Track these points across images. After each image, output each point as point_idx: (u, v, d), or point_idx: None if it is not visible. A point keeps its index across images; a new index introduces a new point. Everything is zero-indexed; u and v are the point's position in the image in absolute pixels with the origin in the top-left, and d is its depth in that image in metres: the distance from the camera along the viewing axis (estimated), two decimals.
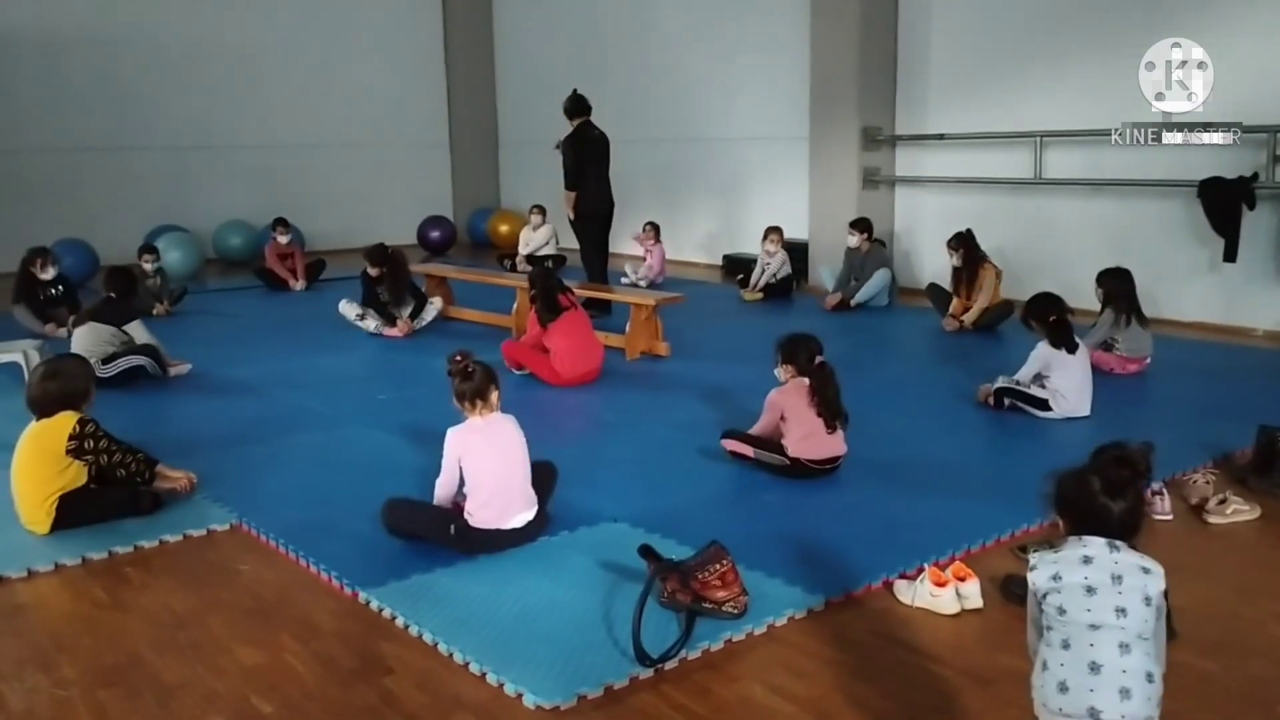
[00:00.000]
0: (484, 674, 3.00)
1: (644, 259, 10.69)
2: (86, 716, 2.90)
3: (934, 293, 8.49)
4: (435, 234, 13.94)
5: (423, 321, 8.29)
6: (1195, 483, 4.34)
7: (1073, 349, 5.54)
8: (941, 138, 9.69)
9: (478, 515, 3.80)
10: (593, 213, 8.59)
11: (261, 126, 13.77)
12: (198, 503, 4.46)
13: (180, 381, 6.76)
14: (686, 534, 3.85)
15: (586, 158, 8.44)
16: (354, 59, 14.37)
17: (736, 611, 3.26)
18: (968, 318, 7.99)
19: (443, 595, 3.50)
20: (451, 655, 3.12)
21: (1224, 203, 7.61)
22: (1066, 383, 5.48)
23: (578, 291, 7.21)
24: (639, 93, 12.90)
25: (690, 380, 6.50)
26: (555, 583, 3.57)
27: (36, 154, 12.34)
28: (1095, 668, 2.12)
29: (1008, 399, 5.65)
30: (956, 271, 8.19)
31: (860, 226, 9.13)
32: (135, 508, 4.29)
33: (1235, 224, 7.58)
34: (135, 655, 3.22)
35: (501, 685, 2.94)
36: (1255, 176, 7.50)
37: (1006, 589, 3.45)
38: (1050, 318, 5.57)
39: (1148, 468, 2.29)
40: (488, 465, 3.83)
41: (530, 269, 8.49)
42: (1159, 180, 8.12)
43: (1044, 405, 5.52)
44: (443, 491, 3.93)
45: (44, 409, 4.24)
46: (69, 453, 4.16)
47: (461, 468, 3.85)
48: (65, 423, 4.19)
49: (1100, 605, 2.17)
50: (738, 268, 10.73)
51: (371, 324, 8.17)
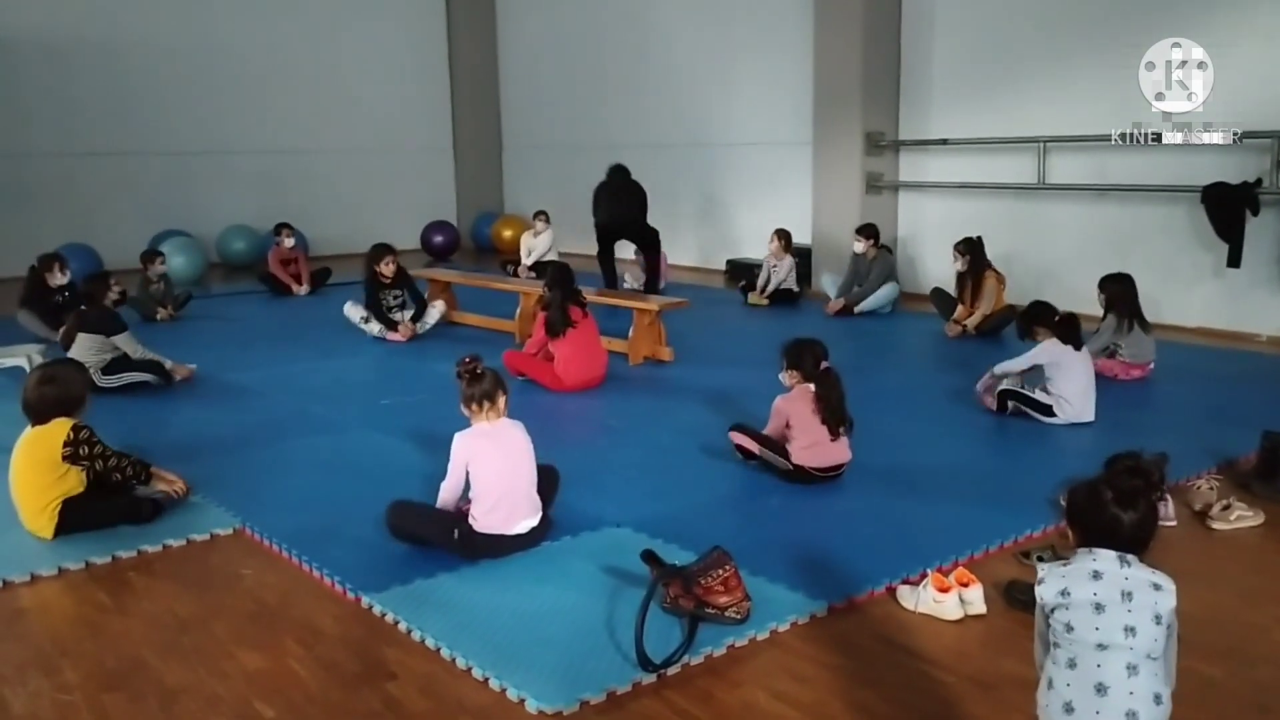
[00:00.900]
0: (486, 679, 3.00)
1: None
2: None
3: (937, 298, 8.49)
4: (439, 239, 13.96)
5: (425, 326, 8.29)
6: (1199, 488, 4.33)
7: (1078, 345, 5.54)
8: (945, 143, 9.69)
9: (483, 520, 3.80)
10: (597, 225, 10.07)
11: (266, 132, 13.80)
12: (201, 507, 4.46)
13: (183, 386, 6.77)
14: (689, 539, 3.85)
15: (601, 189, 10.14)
16: (358, 64, 14.40)
17: (739, 617, 3.26)
18: (970, 322, 7.99)
19: (445, 600, 3.50)
20: (454, 660, 3.12)
21: (1228, 208, 7.60)
22: (1070, 387, 5.48)
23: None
24: (642, 98, 12.92)
25: (694, 385, 6.50)
26: (558, 588, 3.57)
27: (41, 159, 12.37)
28: (1102, 689, 2.08)
29: (1011, 401, 5.65)
30: (961, 277, 8.19)
31: (867, 233, 9.12)
32: (136, 516, 4.27)
33: (1239, 229, 7.57)
34: (138, 659, 3.22)
35: (504, 690, 2.94)
36: (1259, 182, 7.49)
37: (1010, 594, 3.45)
38: (1055, 318, 5.59)
39: (1161, 479, 2.26)
40: (494, 470, 3.83)
41: (539, 274, 8.46)
42: (1162, 185, 8.12)
43: (1048, 410, 5.52)
44: (447, 495, 3.93)
45: (40, 414, 4.22)
46: (65, 459, 4.15)
47: (468, 472, 3.85)
48: (60, 430, 4.17)
49: (1109, 624, 2.12)
50: (741, 273, 10.73)
51: (375, 327, 8.17)
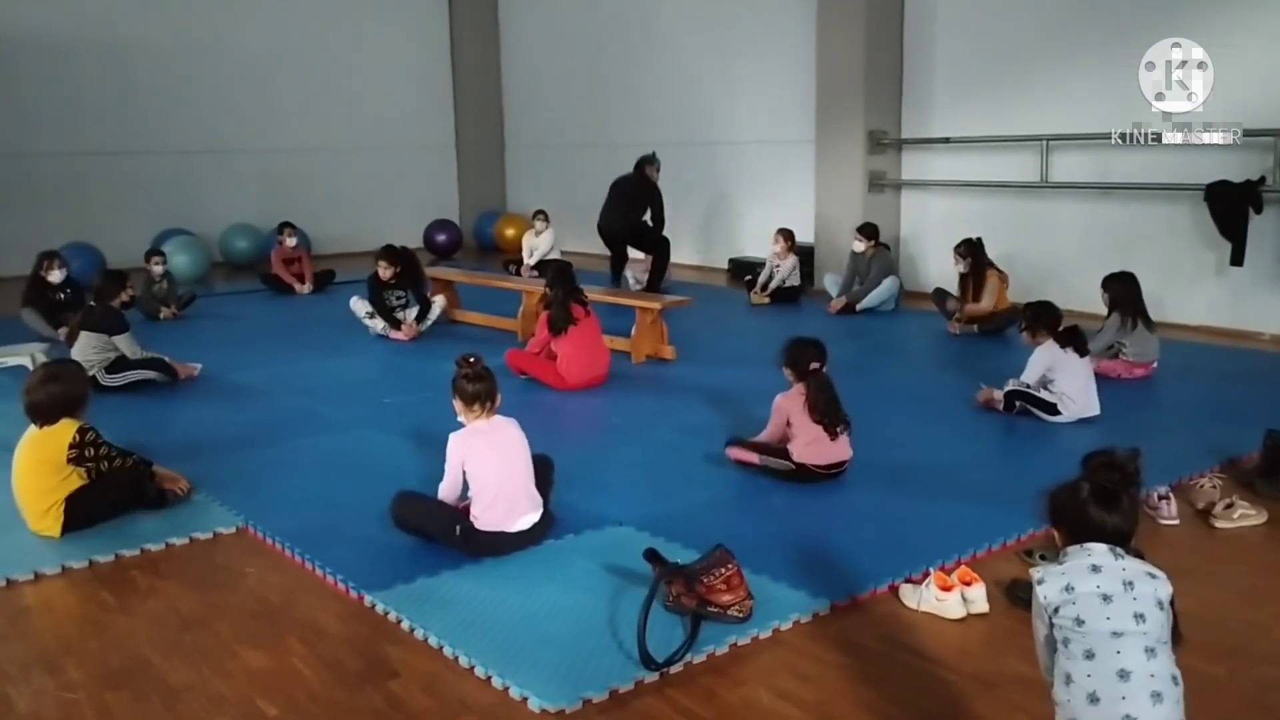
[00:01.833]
0: (489, 677, 3.00)
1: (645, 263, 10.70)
2: (93, 719, 2.91)
3: (939, 297, 8.48)
4: (441, 238, 13.97)
5: (428, 322, 8.30)
6: (1202, 487, 4.33)
7: (1083, 353, 5.53)
8: (947, 141, 9.68)
9: (483, 518, 3.81)
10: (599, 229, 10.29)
11: (268, 131, 13.79)
12: (204, 506, 4.47)
13: (187, 385, 6.78)
14: (692, 538, 3.85)
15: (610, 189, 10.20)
16: (360, 63, 14.40)
17: (742, 615, 3.26)
18: (972, 309, 8.00)
19: (448, 599, 3.50)
20: (457, 659, 3.12)
21: (1231, 206, 7.58)
22: (1071, 384, 5.47)
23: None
24: (645, 96, 12.91)
25: (696, 384, 6.50)
26: (561, 586, 3.57)
27: (45, 158, 12.38)
28: (1125, 675, 2.09)
29: (1018, 402, 5.64)
30: (963, 278, 8.19)
31: (866, 232, 9.12)
32: (142, 498, 4.28)
33: (1242, 228, 7.56)
34: (141, 658, 3.22)
35: (507, 689, 2.94)
36: (1262, 180, 7.48)
37: (1012, 593, 3.45)
38: (1058, 326, 5.58)
39: (1136, 471, 2.28)
40: (491, 468, 3.84)
41: (540, 273, 8.48)
42: (1165, 184, 8.11)
43: (1052, 409, 5.51)
44: (446, 495, 3.94)
45: (45, 414, 4.18)
46: (70, 461, 4.14)
47: (465, 471, 3.86)
48: (65, 431, 4.16)
49: (1119, 612, 2.14)
50: (744, 271, 10.72)
51: (379, 324, 8.18)
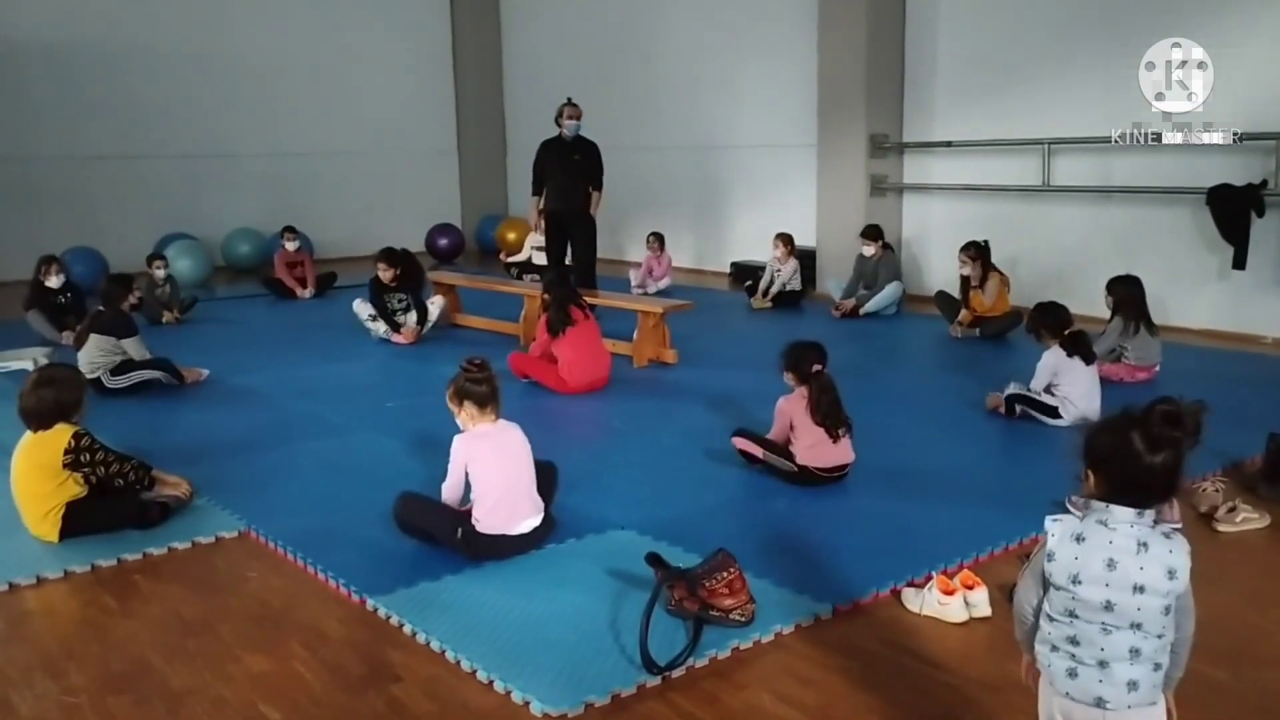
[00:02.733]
0: (491, 681, 3.00)
1: (648, 268, 10.73)
2: None
3: (942, 300, 8.48)
4: (443, 241, 13.98)
5: (428, 325, 8.30)
6: (1205, 491, 4.32)
7: (1089, 360, 5.53)
8: (949, 145, 9.68)
9: (485, 521, 3.80)
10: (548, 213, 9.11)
11: (271, 135, 13.82)
12: (206, 510, 4.47)
13: (189, 388, 6.78)
14: (694, 542, 3.85)
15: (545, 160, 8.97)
16: (362, 67, 14.42)
17: (744, 619, 3.26)
18: (974, 303, 8.03)
19: (450, 602, 3.50)
20: (459, 663, 3.12)
21: (1233, 210, 7.58)
22: (1074, 388, 5.47)
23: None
24: (647, 101, 12.92)
25: (698, 388, 6.50)
26: (563, 590, 3.57)
27: (48, 162, 12.40)
28: (1105, 664, 2.06)
29: (1019, 405, 5.64)
30: (965, 280, 8.18)
31: (872, 235, 9.13)
32: (143, 519, 4.24)
33: (1244, 231, 7.56)
34: (144, 662, 3.22)
35: (509, 693, 2.94)
36: (1264, 183, 7.48)
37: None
38: (1065, 330, 5.57)
39: (1197, 429, 2.05)
40: (494, 471, 3.84)
41: (541, 275, 8.52)
42: (1167, 187, 8.10)
43: (1054, 413, 5.51)
44: (448, 497, 3.94)
45: (39, 419, 4.17)
46: (66, 466, 4.12)
47: (468, 474, 3.86)
48: (61, 436, 4.14)
49: (1119, 580, 2.04)
50: (745, 275, 10.73)
51: (381, 328, 8.18)
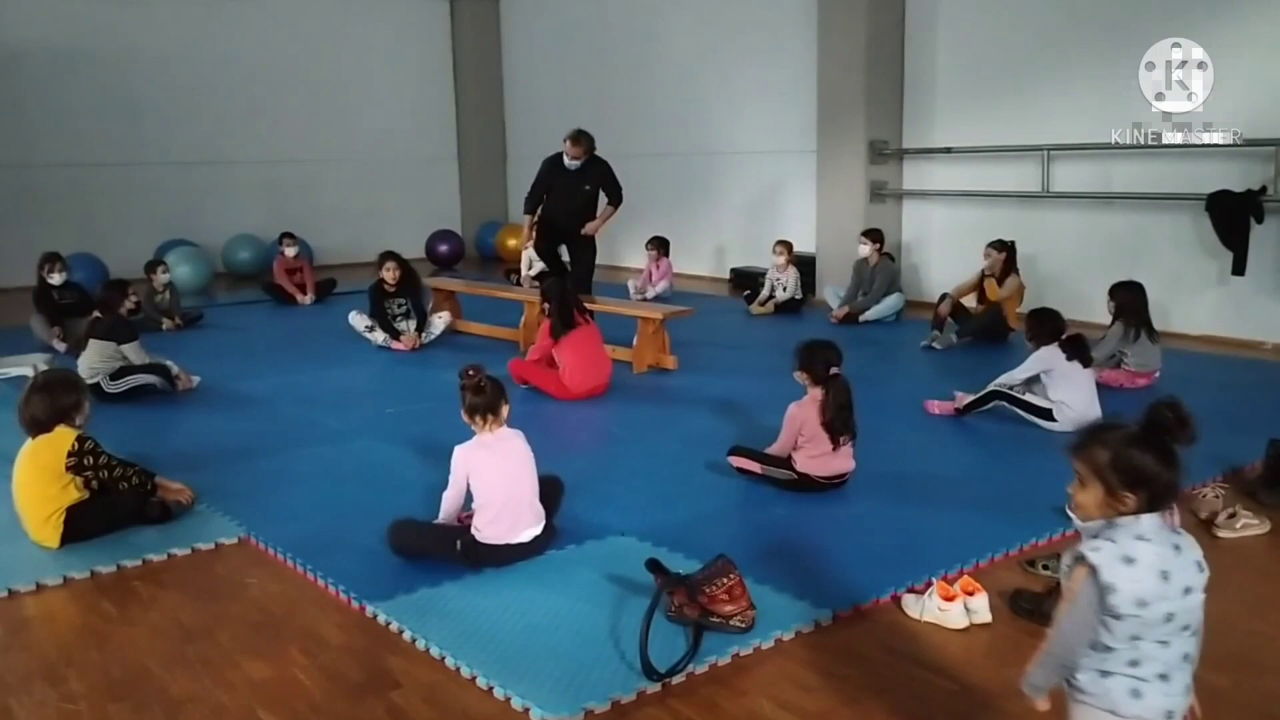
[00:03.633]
0: (491, 688, 3.00)
1: (649, 274, 10.74)
2: None
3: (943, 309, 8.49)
4: (443, 248, 13.98)
5: (431, 335, 8.30)
6: (1205, 497, 4.31)
7: (1087, 364, 5.53)
8: (949, 151, 9.69)
9: (485, 531, 3.80)
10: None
11: (270, 141, 13.84)
12: (206, 516, 4.47)
13: (189, 395, 6.77)
14: (694, 548, 3.85)
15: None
16: (362, 74, 14.45)
17: (744, 625, 3.26)
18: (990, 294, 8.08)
19: (450, 609, 3.50)
20: (459, 669, 3.12)
21: (1232, 216, 7.59)
22: (1073, 394, 5.46)
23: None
24: (647, 106, 12.95)
25: (698, 394, 6.50)
26: (563, 597, 3.57)
27: (48, 169, 12.42)
28: (1165, 677, 2.02)
29: (995, 401, 5.64)
30: (983, 275, 8.19)
31: (873, 237, 9.13)
32: (144, 516, 4.27)
33: (1243, 237, 7.57)
34: (143, 669, 3.22)
35: (509, 699, 2.93)
36: (1263, 190, 7.49)
37: (1015, 603, 3.44)
38: (1061, 335, 5.58)
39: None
40: (496, 481, 3.83)
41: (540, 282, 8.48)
42: (1167, 193, 8.11)
43: (1047, 415, 5.50)
44: (449, 506, 3.94)
45: (37, 425, 4.18)
46: (69, 469, 4.13)
47: (470, 483, 3.86)
48: (64, 440, 4.15)
49: (1173, 590, 1.99)
50: (745, 282, 10.73)
51: (380, 336, 8.18)
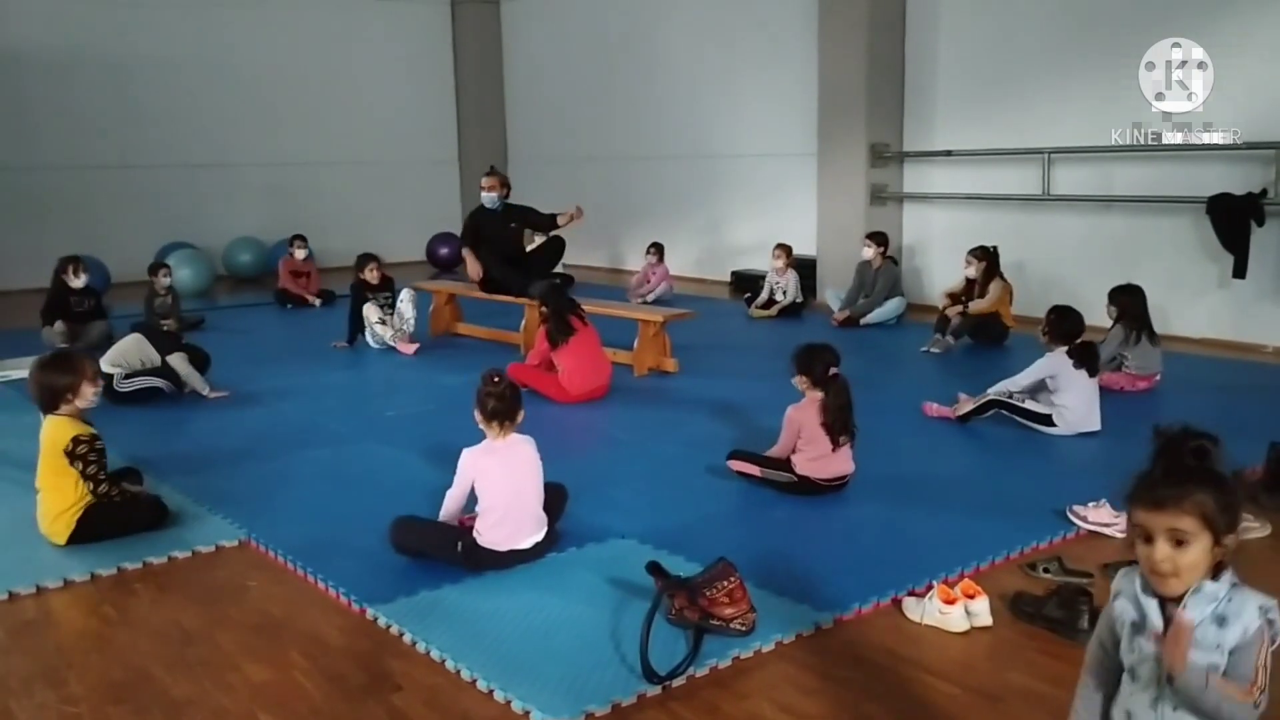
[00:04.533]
0: (491, 691, 3.00)
1: (646, 278, 10.75)
2: None
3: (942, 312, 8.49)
4: (444, 251, 13.97)
5: (407, 321, 8.28)
6: None
7: (1093, 373, 5.52)
8: (949, 154, 9.70)
9: (487, 535, 3.80)
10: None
11: (272, 144, 13.85)
12: (206, 519, 4.47)
13: (190, 398, 6.78)
14: (694, 551, 3.85)
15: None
16: (364, 77, 14.47)
17: (744, 629, 3.26)
18: (973, 307, 8.00)
19: (451, 612, 3.50)
20: (459, 672, 3.12)
21: (1233, 219, 7.59)
22: (1075, 400, 5.46)
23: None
24: (648, 109, 12.96)
25: (699, 397, 6.50)
26: (563, 599, 3.57)
27: (50, 171, 12.44)
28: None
29: (994, 409, 5.63)
30: (969, 283, 8.19)
31: (877, 240, 9.11)
32: (159, 525, 4.31)
33: (1244, 240, 7.57)
34: (144, 672, 3.22)
35: (509, 702, 2.93)
36: (1264, 193, 7.49)
37: (1016, 606, 3.44)
38: (1077, 339, 5.57)
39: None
40: (500, 488, 3.83)
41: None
42: (1167, 196, 8.11)
43: (1046, 420, 5.50)
44: (451, 506, 3.94)
45: (39, 403, 4.28)
46: (65, 453, 4.14)
47: (475, 487, 3.86)
48: (67, 429, 4.18)
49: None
50: (745, 285, 10.73)
51: (388, 333, 8.19)
